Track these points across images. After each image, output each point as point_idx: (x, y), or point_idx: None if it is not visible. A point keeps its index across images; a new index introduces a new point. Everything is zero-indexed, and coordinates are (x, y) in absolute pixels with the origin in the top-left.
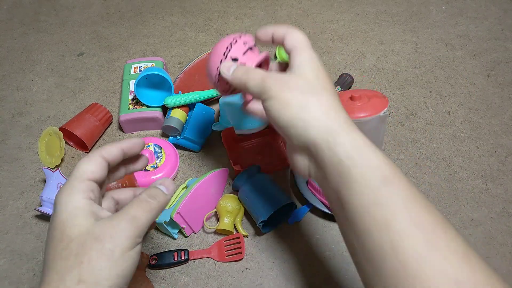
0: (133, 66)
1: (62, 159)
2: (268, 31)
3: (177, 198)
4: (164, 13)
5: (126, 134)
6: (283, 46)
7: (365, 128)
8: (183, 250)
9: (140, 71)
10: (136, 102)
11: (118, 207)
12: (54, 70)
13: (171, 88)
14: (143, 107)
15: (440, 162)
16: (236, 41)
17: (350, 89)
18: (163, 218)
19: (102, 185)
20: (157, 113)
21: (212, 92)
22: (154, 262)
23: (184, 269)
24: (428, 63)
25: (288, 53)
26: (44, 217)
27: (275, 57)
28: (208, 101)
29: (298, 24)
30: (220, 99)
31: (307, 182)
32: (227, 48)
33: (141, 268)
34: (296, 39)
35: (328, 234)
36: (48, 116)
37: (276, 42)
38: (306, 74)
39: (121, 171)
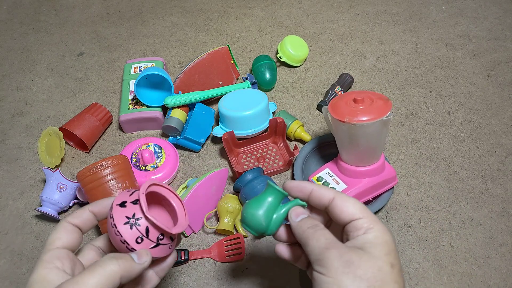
0: (133, 66)
1: (62, 159)
2: (305, 189)
3: None
4: (164, 13)
5: (126, 134)
6: (334, 216)
7: (367, 132)
8: (183, 250)
9: (140, 71)
10: (136, 102)
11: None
12: (54, 70)
13: (171, 88)
14: (143, 107)
15: (440, 162)
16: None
17: (350, 89)
18: None
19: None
20: (157, 113)
21: (212, 92)
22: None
23: (184, 269)
24: (428, 63)
25: (346, 223)
26: (44, 217)
27: (277, 52)
28: (208, 101)
29: (298, 24)
30: (219, 103)
31: None
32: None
33: None
34: (356, 206)
35: None
36: (48, 116)
37: (314, 205)
38: (380, 258)
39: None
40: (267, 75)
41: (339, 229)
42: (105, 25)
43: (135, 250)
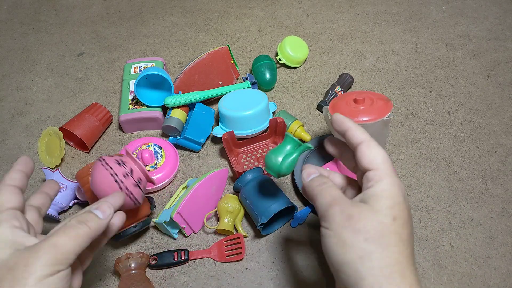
0: (133, 66)
1: (62, 159)
2: (344, 125)
3: (177, 198)
4: (164, 13)
5: (126, 134)
6: (356, 160)
7: (368, 132)
8: (183, 250)
9: (140, 71)
10: (136, 102)
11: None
12: (54, 70)
13: (171, 88)
14: (143, 107)
15: (440, 162)
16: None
17: (350, 89)
18: (163, 218)
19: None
20: (157, 113)
21: (212, 92)
22: (154, 262)
23: (184, 269)
24: (428, 63)
25: (363, 171)
26: (44, 217)
27: (276, 54)
28: (208, 101)
29: (298, 24)
30: (219, 103)
31: None
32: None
33: (141, 268)
34: (376, 157)
35: None
36: (48, 116)
37: (349, 144)
38: (381, 212)
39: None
40: (267, 75)
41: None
42: (105, 25)
43: (122, 182)
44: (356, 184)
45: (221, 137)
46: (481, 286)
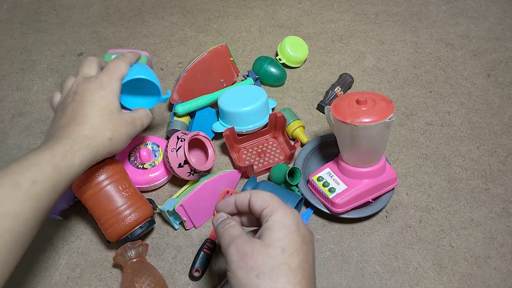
0: (112, 56)
1: None
2: (229, 204)
3: (185, 190)
4: (164, 13)
5: None
6: (252, 210)
7: (369, 133)
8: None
9: None
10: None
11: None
12: (54, 70)
13: (158, 91)
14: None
15: (440, 162)
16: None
17: (350, 89)
18: (167, 207)
19: None
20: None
21: (219, 94)
22: (197, 274)
23: (184, 269)
24: (428, 63)
25: (260, 214)
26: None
27: (276, 54)
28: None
29: (298, 24)
30: (219, 99)
31: (307, 182)
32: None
33: (141, 256)
34: (264, 197)
35: (328, 234)
36: (48, 116)
37: (242, 210)
38: (271, 245)
39: None
40: (277, 71)
41: None
42: (105, 25)
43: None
44: None
45: (220, 132)
46: (481, 286)
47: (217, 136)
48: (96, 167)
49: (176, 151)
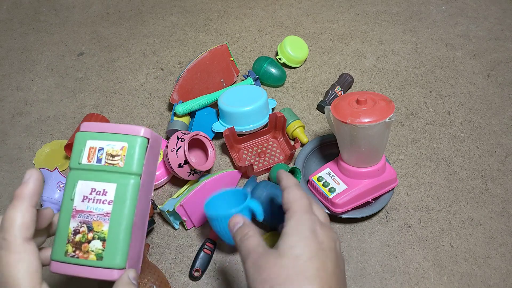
0: (88, 144)
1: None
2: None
3: (185, 190)
4: (164, 13)
5: None
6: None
7: (369, 133)
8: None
9: (99, 159)
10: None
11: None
12: (54, 70)
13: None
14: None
15: (440, 162)
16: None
17: (350, 89)
18: (167, 207)
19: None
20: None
21: (219, 94)
22: (197, 274)
23: (184, 269)
24: (428, 63)
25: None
26: None
27: (276, 54)
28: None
29: (298, 24)
30: (219, 99)
31: (307, 182)
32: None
33: (144, 255)
34: (289, 197)
35: None
36: (48, 116)
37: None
38: (284, 254)
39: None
40: (276, 72)
41: None
42: (105, 25)
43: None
44: None
45: (220, 132)
46: (481, 286)
47: (217, 136)
48: None
49: (176, 151)
